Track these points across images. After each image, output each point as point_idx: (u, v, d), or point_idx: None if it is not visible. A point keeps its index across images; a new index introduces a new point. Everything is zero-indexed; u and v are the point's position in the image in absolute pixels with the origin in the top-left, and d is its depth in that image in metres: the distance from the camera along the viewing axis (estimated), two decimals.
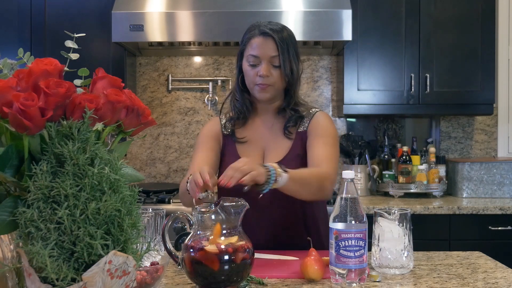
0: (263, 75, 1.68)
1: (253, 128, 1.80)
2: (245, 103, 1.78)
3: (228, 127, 1.80)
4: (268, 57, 1.69)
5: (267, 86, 1.70)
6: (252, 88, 1.73)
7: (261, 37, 1.70)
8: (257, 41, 1.70)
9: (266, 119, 1.81)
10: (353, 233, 1.28)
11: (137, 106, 0.97)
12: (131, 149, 3.42)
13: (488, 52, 3.09)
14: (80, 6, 3.04)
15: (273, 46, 1.69)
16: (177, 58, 3.43)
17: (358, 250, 1.28)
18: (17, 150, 0.86)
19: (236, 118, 1.79)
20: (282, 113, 1.78)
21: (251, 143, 1.78)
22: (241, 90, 1.78)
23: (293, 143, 1.76)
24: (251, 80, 1.72)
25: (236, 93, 1.80)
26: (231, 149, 1.77)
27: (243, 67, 1.74)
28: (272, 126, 1.80)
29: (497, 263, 1.55)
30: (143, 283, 1.13)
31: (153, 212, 1.39)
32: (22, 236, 0.83)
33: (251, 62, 1.71)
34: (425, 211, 2.77)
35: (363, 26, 3.07)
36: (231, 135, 1.79)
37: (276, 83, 1.72)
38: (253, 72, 1.71)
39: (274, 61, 1.70)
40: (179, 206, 2.70)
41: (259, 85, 1.70)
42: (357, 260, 1.28)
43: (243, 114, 1.78)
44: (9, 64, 0.97)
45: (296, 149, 1.75)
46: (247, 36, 1.74)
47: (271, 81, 1.70)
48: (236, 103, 1.79)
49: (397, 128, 3.44)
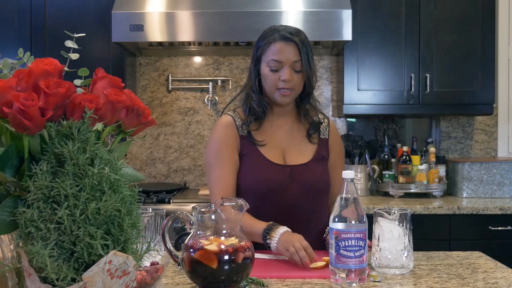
0: (287, 80, 1.68)
1: (270, 129, 1.79)
2: (263, 104, 1.76)
3: (244, 128, 1.77)
4: (291, 62, 1.69)
5: (290, 92, 1.71)
6: (273, 92, 1.73)
7: (282, 42, 1.70)
8: (278, 46, 1.70)
9: (283, 121, 1.81)
10: (353, 233, 1.28)
11: (137, 106, 0.96)
12: (131, 149, 3.42)
13: (488, 52, 3.09)
14: (80, 6, 3.04)
15: (295, 51, 1.70)
16: (177, 58, 3.43)
17: (358, 250, 1.28)
18: (17, 150, 0.86)
19: (254, 120, 1.77)
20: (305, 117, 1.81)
21: (271, 143, 1.77)
22: (259, 92, 1.77)
23: (318, 146, 1.81)
24: (272, 84, 1.71)
25: (253, 93, 1.77)
26: (252, 150, 1.75)
27: (262, 71, 1.73)
28: (290, 129, 1.81)
29: (497, 263, 1.55)
30: (143, 283, 1.13)
31: (153, 212, 1.39)
32: (22, 236, 0.83)
33: (272, 67, 1.70)
34: (425, 211, 2.77)
35: (363, 26, 3.07)
36: (248, 136, 1.76)
37: (297, 88, 1.73)
38: (275, 77, 1.70)
39: (296, 66, 1.70)
40: (179, 206, 2.70)
41: (282, 90, 1.70)
42: (357, 260, 1.28)
43: (262, 114, 1.76)
44: (10, 64, 0.97)
45: (322, 152, 1.80)
46: (265, 41, 1.72)
47: (293, 85, 1.71)
48: (252, 103, 1.77)
49: (397, 128, 3.44)
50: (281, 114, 1.81)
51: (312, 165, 1.76)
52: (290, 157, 1.77)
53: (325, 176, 1.78)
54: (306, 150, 1.79)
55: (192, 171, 3.43)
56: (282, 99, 1.73)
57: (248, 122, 1.77)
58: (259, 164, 1.73)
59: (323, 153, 1.80)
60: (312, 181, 1.73)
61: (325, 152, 1.81)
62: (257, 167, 1.73)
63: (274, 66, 1.70)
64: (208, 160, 1.78)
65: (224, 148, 1.74)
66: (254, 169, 1.73)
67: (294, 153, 1.78)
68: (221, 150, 1.74)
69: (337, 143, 1.87)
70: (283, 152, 1.78)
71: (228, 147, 1.74)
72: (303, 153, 1.78)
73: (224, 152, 1.74)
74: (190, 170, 3.43)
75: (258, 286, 1.30)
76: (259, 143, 1.75)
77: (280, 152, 1.77)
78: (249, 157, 1.74)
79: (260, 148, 1.75)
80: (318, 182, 1.75)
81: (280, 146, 1.78)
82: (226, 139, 1.75)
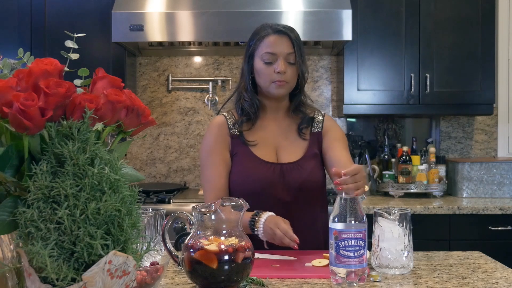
0: (281, 71, 1.69)
1: (263, 128, 1.80)
2: (255, 103, 1.77)
3: (236, 128, 1.78)
4: (285, 54, 1.70)
5: (285, 83, 1.72)
6: (267, 86, 1.73)
7: (276, 35, 1.71)
8: (272, 38, 1.71)
9: (275, 118, 1.82)
10: (353, 233, 1.28)
11: (137, 106, 0.96)
12: (131, 149, 3.42)
13: (488, 52, 3.09)
14: (80, 6, 3.04)
15: (289, 43, 1.71)
16: (177, 58, 3.42)
17: (358, 250, 1.28)
18: (17, 150, 0.86)
19: (246, 120, 1.78)
20: (295, 113, 1.81)
21: (263, 142, 1.78)
22: (252, 91, 1.78)
23: (309, 143, 1.79)
24: (267, 78, 1.72)
25: (246, 93, 1.78)
26: (244, 149, 1.76)
27: (256, 66, 1.74)
28: (283, 126, 1.81)
29: (497, 263, 1.55)
30: (143, 283, 1.13)
31: (153, 212, 1.39)
32: (22, 236, 0.83)
33: (266, 60, 1.71)
34: (425, 211, 2.77)
35: (363, 26, 3.07)
36: (240, 135, 1.77)
37: (291, 81, 1.74)
38: (269, 70, 1.71)
39: (290, 58, 1.71)
40: (179, 206, 2.70)
41: (277, 82, 1.71)
42: (357, 260, 1.28)
43: (254, 114, 1.77)
44: (10, 64, 0.97)
45: (313, 148, 1.79)
46: (258, 36, 1.74)
47: (287, 77, 1.72)
48: (244, 103, 1.78)
49: (397, 128, 3.44)
50: (273, 112, 1.81)
51: (302, 163, 1.76)
52: (283, 155, 1.78)
53: (315, 174, 1.77)
54: (298, 147, 1.79)
55: (192, 171, 3.43)
56: (277, 91, 1.73)
57: (240, 122, 1.78)
58: (250, 162, 1.74)
59: (314, 150, 1.79)
60: (301, 180, 1.73)
61: (316, 147, 1.80)
62: (248, 165, 1.74)
63: (268, 59, 1.71)
64: (201, 160, 1.81)
65: (216, 148, 1.76)
66: (245, 167, 1.74)
67: (287, 151, 1.78)
68: (212, 151, 1.76)
69: (332, 129, 1.83)
70: (276, 150, 1.79)
71: (220, 147, 1.76)
72: (295, 150, 1.78)
73: (216, 152, 1.76)
74: (190, 170, 3.43)
75: (258, 286, 1.30)
76: (250, 143, 1.76)
77: (273, 150, 1.78)
78: (240, 156, 1.76)
79: (252, 147, 1.76)
80: (306, 181, 1.74)
81: (273, 144, 1.79)
82: (218, 139, 1.77)
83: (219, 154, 1.76)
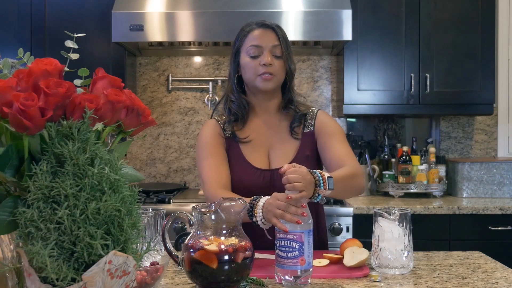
0: (267, 63, 1.67)
1: (254, 128, 1.77)
2: (242, 103, 1.75)
3: (228, 129, 1.76)
4: (270, 46, 1.69)
5: (271, 76, 1.69)
6: (254, 80, 1.70)
7: (260, 29, 1.71)
8: (256, 32, 1.70)
9: (266, 118, 1.79)
10: (286, 234, 1.29)
11: (137, 106, 0.96)
12: (131, 149, 3.42)
13: (488, 52, 3.09)
14: (80, 6, 3.04)
15: (274, 36, 1.70)
16: (177, 58, 3.43)
17: (291, 251, 1.28)
18: (17, 150, 0.86)
19: (234, 120, 1.75)
20: (285, 110, 1.77)
21: (255, 144, 1.75)
22: (238, 91, 1.77)
23: (301, 143, 1.75)
24: (253, 71, 1.70)
25: (232, 94, 1.76)
26: (235, 151, 1.74)
27: (242, 62, 1.73)
28: (274, 126, 1.78)
29: (497, 263, 1.55)
30: (143, 283, 1.13)
31: (153, 212, 1.39)
32: (22, 236, 0.83)
33: (251, 53, 1.69)
34: (425, 211, 2.77)
35: (363, 26, 3.07)
36: (233, 136, 1.75)
37: (278, 74, 1.71)
38: (255, 63, 1.69)
39: (276, 51, 1.70)
40: (179, 206, 2.70)
41: (263, 75, 1.68)
42: (290, 261, 1.29)
43: (241, 115, 1.75)
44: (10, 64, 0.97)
45: (305, 150, 1.74)
46: (243, 33, 1.74)
47: (274, 70, 1.69)
48: (231, 105, 1.76)
49: (397, 128, 3.44)
50: (264, 112, 1.78)
51: None
52: (274, 158, 1.74)
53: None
54: (289, 148, 1.75)
55: (192, 171, 3.43)
56: (263, 84, 1.69)
57: (228, 122, 1.75)
58: (240, 169, 1.71)
59: (306, 152, 1.74)
60: None
61: (308, 148, 1.75)
62: (239, 172, 1.71)
63: (254, 52, 1.69)
64: (197, 156, 1.77)
65: (212, 143, 1.74)
66: (235, 172, 1.71)
67: (278, 153, 1.74)
68: (209, 144, 1.73)
69: (326, 125, 1.77)
70: (267, 153, 1.76)
71: (216, 142, 1.74)
72: (286, 152, 1.74)
73: (213, 145, 1.73)
74: (190, 170, 3.43)
75: (258, 286, 1.30)
76: (243, 140, 1.74)
77: (264, 153, 1.75)
78: (232, 159, 1.73)
79: (244, 150, 1.74)
80: None
81: (264, 145, 1.76)
82: (213, 136, 1.75)
83: (215, 147, 1.73)
